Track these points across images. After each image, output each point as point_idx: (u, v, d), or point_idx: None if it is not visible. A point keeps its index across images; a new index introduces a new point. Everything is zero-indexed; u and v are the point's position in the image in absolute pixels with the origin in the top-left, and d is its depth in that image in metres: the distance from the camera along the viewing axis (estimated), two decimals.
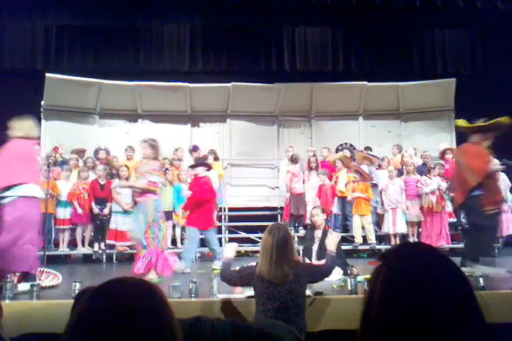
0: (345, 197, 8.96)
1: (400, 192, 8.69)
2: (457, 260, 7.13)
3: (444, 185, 8.44)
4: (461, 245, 8.70)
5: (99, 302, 1.07)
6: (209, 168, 7.64)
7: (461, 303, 1.05)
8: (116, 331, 1.02)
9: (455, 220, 8.90)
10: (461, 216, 8.89)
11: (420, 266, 1.09)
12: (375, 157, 9.50)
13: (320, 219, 6.36)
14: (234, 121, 11.48)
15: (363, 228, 8.66)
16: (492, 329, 1.07)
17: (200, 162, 7.80)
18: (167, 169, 8.76)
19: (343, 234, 8.61)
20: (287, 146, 10.46)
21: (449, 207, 8.77)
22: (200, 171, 7.40)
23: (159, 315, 1.07)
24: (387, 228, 8.67)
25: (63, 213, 8.33)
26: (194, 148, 9.71)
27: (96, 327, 1.02)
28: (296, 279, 3.42)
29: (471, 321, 1.04)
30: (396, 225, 8.62)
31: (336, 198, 9.11)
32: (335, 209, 9.03)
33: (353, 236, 8.78)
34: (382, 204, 8.88)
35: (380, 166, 9.35)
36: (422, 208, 8.53)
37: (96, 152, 9.52)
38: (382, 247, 8.47)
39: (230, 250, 4.01)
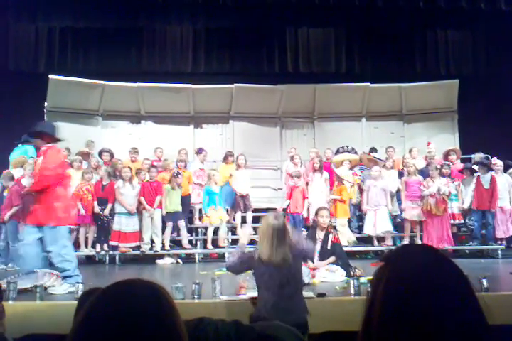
0: (350, 198, 8.95)
1: (382, 193, 8.57)
2: (461, 262, 7.10)
3: (444, 188, 8.30)
4: (467, 247, 8.71)
5: (105, 304, 1.07)
6: (53, 139, 5.41)
7: (462, 305, 1.05)
8: (123, 333, 1.02)
9: (462, 221, 8.87)
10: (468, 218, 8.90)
11: (422, 268, 1.10)
12: (382, 160, 9.47)
13: (327, 220, 6.38)
14: (237, 122, 11.48)
15: (365, 229, 8.64)
16: (495, 330, 1.07)
17: (39, 129, 5.46)
18: (179, 173, 8.73)
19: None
20: (290, 148, 10.46)
21: (453, 209, 8.72)
22: (40, 143, 5.43)
23: (166, 318, 1.07)
24: (369, 229, 8.59)
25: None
26: (199, 151, 9.72)
27: (102, 329, 1.03)
28: (294, 258, 3.66)
29: (473, 322, 1.04)
30: (376, 226, 8.49)
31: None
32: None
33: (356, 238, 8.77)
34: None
35: (384, 166, 9.33)
36: (422, 210, 8.50)
37: (100, 153, 9.54)
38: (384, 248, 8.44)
39: (243, 235, 4.09)
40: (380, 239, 8.69)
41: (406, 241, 8.50)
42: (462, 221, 8.88)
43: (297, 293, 3.69)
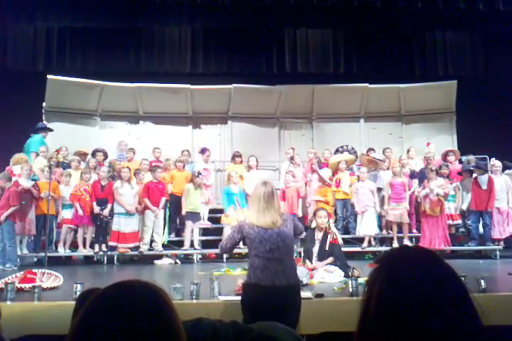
0: (348, 198, 8.94)
1: (370, 194, 8.58)
2: (459, 262, 7.11)
3: (437, 190, 8.22)
4: (465, 247, 8.71)
5: (104, 305, 1.07)
6: None
7: (456, 305, 1.06)
8: (122, 334, 1.02)
9: (459, 222, 8.86)
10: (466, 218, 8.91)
11: (417, 269, 1.10)
12: (381, 160, 9.46)
13: (326, 220, 6.38)
14: (235, 122, 11.49)
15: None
16: (493, 331, 1.07)
17: None
18: (199, 173, 8.74)
19: (344, 236, 8.61)
20: (287, 148, 10.45)
21: (450, 209, 8.71)
22: None
23: (165, 318, 1.08)
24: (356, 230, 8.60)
25: (65, 215, 8.34)
26: (202, 151, 9.75)
27: (101, 330, 1.03)
28: (284, 223, 3.72)
29: (467, 323, 1.05)
30: (362, 227, 8.50)
31: (339, 200, 9.06)
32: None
33: (353, 238, 8.77)
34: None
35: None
36: (420, 211, 8.51)
37: (93, 154, 9.51)
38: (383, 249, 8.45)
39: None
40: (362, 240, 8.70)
41: (395, 242, 8.51)
42: (460, 221, 8.87)
43: (287, 257, 3.70)
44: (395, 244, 8.41)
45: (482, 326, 1.06)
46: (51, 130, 9.76)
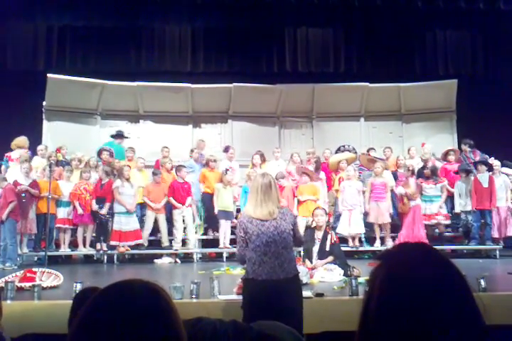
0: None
1: (356, 194, 8.57)
2: (459, 262, 7.10)
3: (397, 190, 8.46)
4: (465, 247, 8.71)
5: (104, 304, 1.07)
6: None
7: (459, 304, 1.05)
8: (123, 333, 1.02)
9: (447, 222, 8.82)
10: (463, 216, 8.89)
11: (419, 266, 1.09)
12: (381, 159, 9.44)
13: (323, 219, 6.38)
14: (235, 121, 11.48)
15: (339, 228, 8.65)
16: (492, 330, 1.07)
17: None
18: (227, 170, 8.74)
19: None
20: (275, 147, 10.39)
21: (432, 209, 8.66)
22: None
23: (165, 317, 1.08)
24: (343, 229, 8.53)
25: (64, 213, 8.33)
26: (226, 149, 9.83)
27: (102, 329, 1.03)
28: (282, 217, 3.69)
29: (470, 322, 1.04)
30: (351, 226, 8.48)
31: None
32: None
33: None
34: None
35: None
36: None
37: (99, 152, 9.53)
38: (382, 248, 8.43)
39: None
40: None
41: (378, 242, 8.50)
42: (447, 221, 8.75)
43: (285, 251, 3.64)
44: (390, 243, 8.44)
45: (485, 325, 1.06)
46: (126, 137, 10.03)
